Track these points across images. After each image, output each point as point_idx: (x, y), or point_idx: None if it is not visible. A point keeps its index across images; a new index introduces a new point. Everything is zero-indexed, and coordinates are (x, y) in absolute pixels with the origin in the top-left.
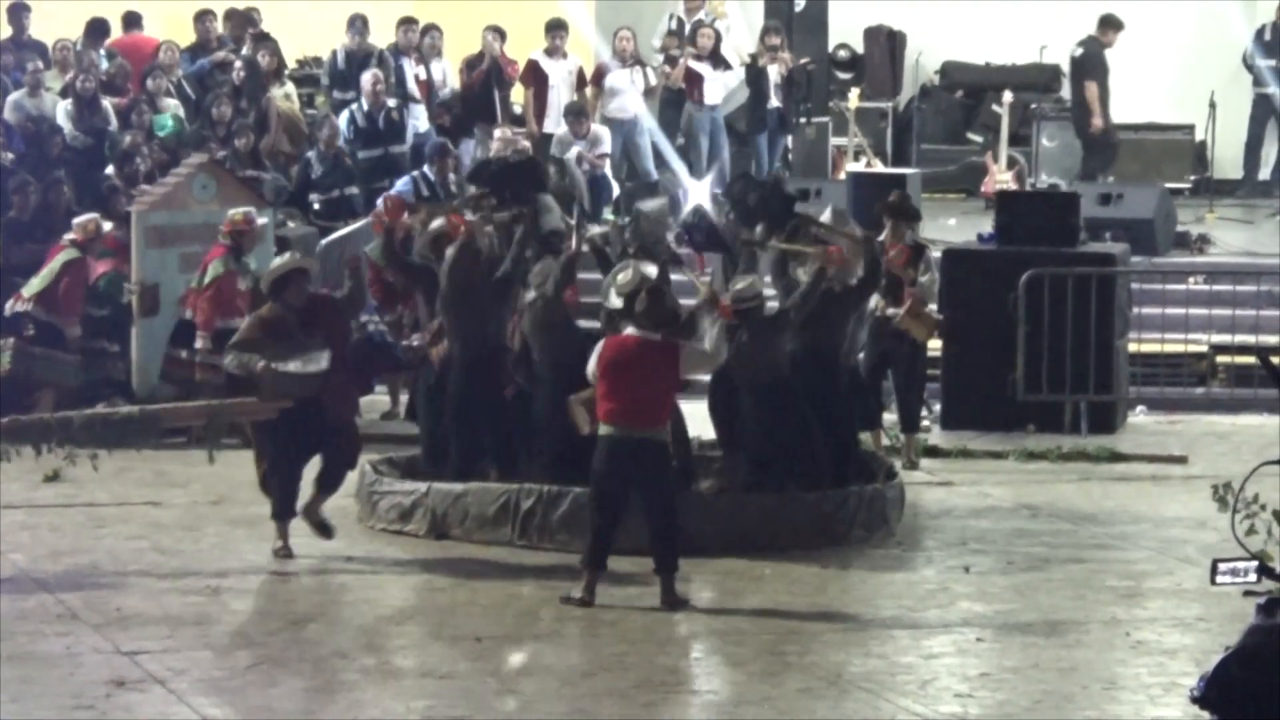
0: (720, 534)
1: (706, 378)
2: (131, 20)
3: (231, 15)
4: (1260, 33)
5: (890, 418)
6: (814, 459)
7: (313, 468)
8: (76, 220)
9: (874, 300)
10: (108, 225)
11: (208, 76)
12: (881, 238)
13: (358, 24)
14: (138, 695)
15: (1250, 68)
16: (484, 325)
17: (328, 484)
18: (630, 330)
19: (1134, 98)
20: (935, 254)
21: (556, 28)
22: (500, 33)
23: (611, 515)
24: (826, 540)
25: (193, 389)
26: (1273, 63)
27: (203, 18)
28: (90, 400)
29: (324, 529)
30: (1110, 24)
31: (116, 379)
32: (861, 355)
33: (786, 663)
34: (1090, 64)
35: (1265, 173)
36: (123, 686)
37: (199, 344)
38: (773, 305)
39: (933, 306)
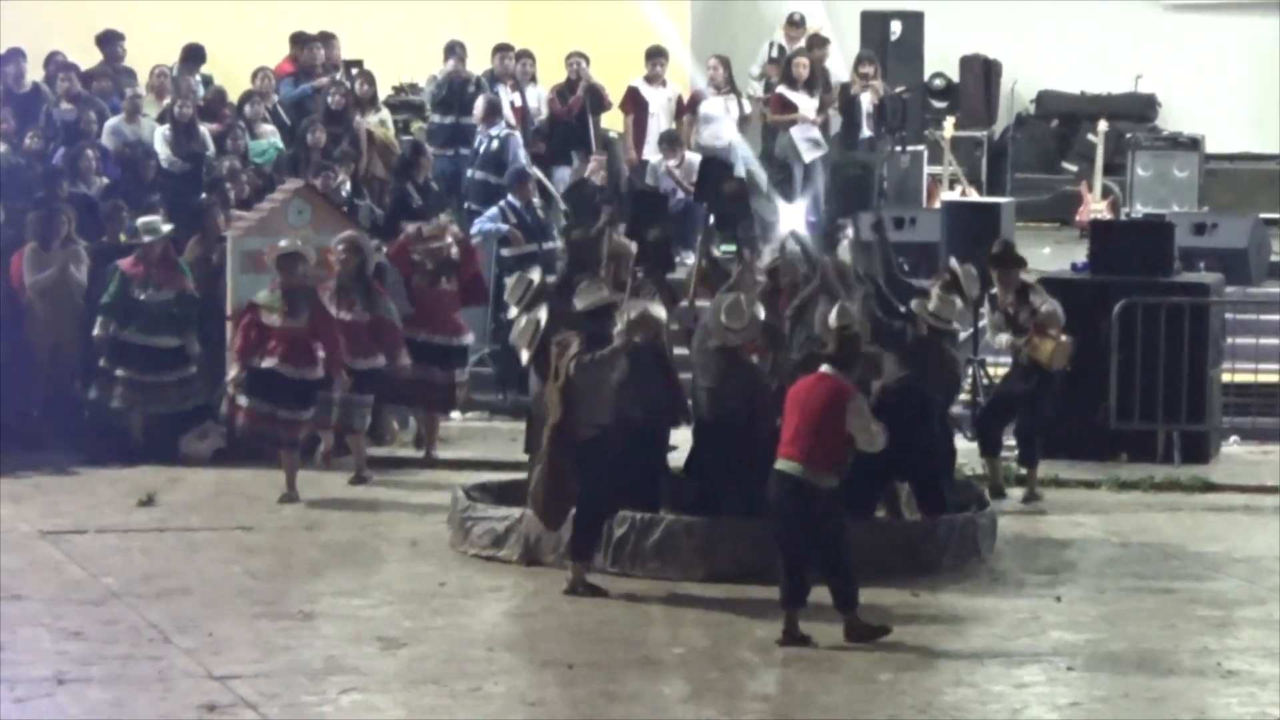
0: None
1: None
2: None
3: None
4: None
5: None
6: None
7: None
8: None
9: (1004, 338)
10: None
11: (309, 100)
12: (993, 290)
13: (458, 50)
14: None
15: None
16: None
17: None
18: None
19: (1229, 127)
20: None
21: (656, 55)
22: (586, 58)
23: (793, 554)
24: (917, 569)
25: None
26: None
27: (308, 43)
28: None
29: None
30: None
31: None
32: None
33: (876, 691)
34: None
35: None
36: (214, 711)
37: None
38: None
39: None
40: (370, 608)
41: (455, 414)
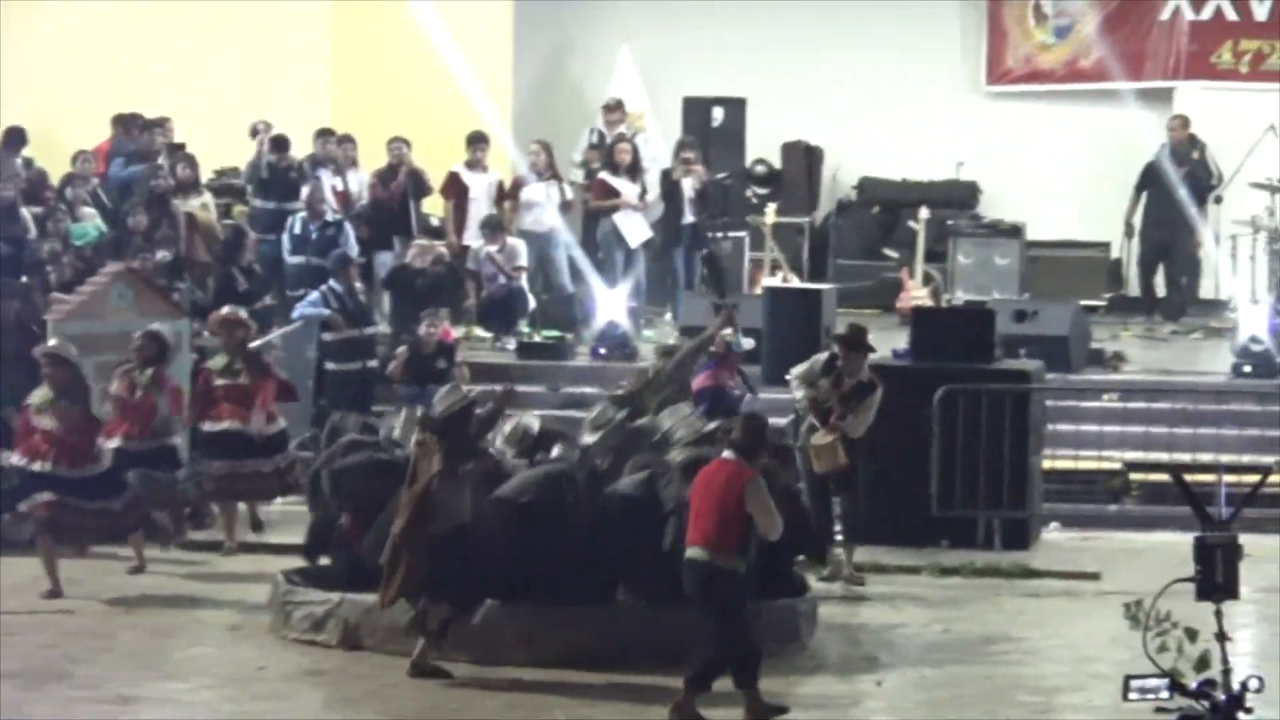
0: (634, 647)
1: None
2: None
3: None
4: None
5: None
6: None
7: None
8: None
9: (802, 395)
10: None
11: (137, 184)
12: (838, 363)
13: (279, 140)
14: None
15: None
16: None
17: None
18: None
19: (1050, 215)
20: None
21: (477, 140)
22: (407, 143)
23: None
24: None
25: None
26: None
27: (148, 127)
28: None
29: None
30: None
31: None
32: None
33: None
34: None
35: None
36: None
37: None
38: None
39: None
40: (191, 692)
41: (276, 498)
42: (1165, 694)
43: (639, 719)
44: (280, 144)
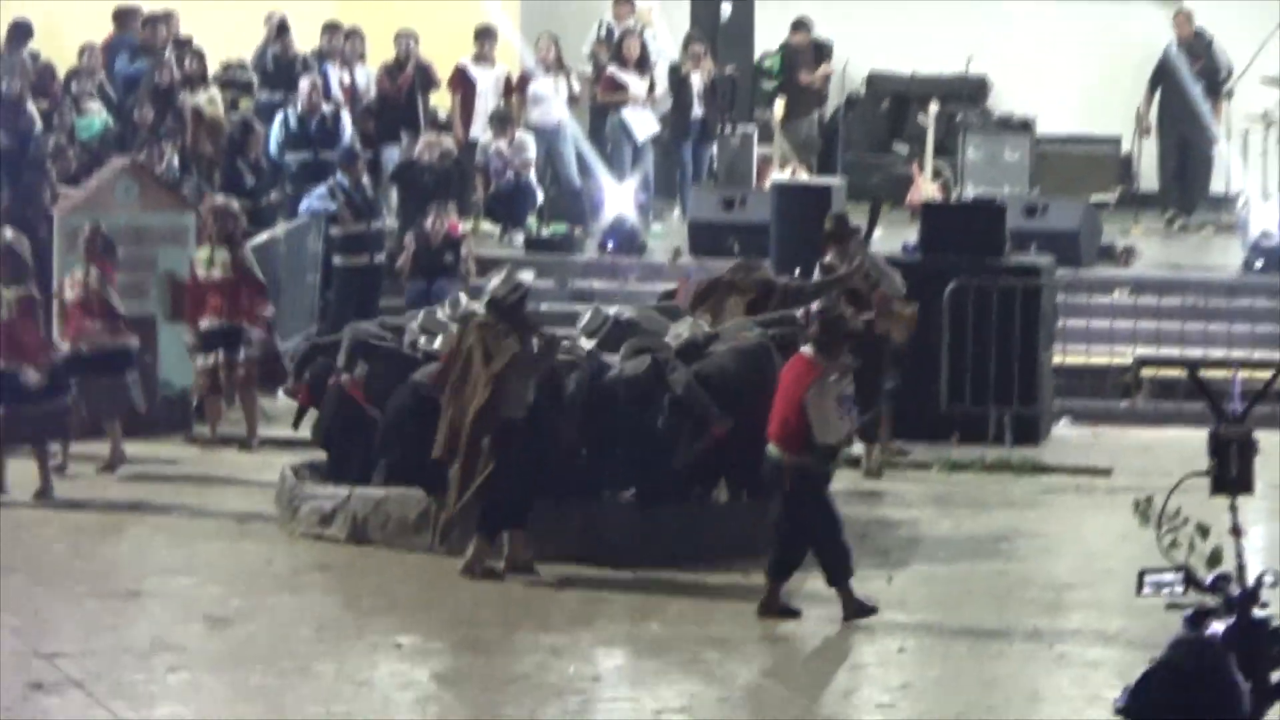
0: (641, 544)
1: None
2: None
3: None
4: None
5: None
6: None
7: None
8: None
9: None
10: None
11: (145, 78)
12: (827, 260)
13: (283, 28)
14: (56, 699)
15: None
16: None
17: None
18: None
19: (1060, 110)
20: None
21: (484, 35)
22: (415, 37)
23: (779, 530)
24: (749, 551)
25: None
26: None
27: (155, 21)
28: None
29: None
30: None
31: None
32: None
33: (707, 672)
34: None
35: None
36: (41, 689)
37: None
38: None
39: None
40: (197, 586)
41: (281, 393)
42: (1179, 588)
43: (645, 612)
44: (282, 28)
